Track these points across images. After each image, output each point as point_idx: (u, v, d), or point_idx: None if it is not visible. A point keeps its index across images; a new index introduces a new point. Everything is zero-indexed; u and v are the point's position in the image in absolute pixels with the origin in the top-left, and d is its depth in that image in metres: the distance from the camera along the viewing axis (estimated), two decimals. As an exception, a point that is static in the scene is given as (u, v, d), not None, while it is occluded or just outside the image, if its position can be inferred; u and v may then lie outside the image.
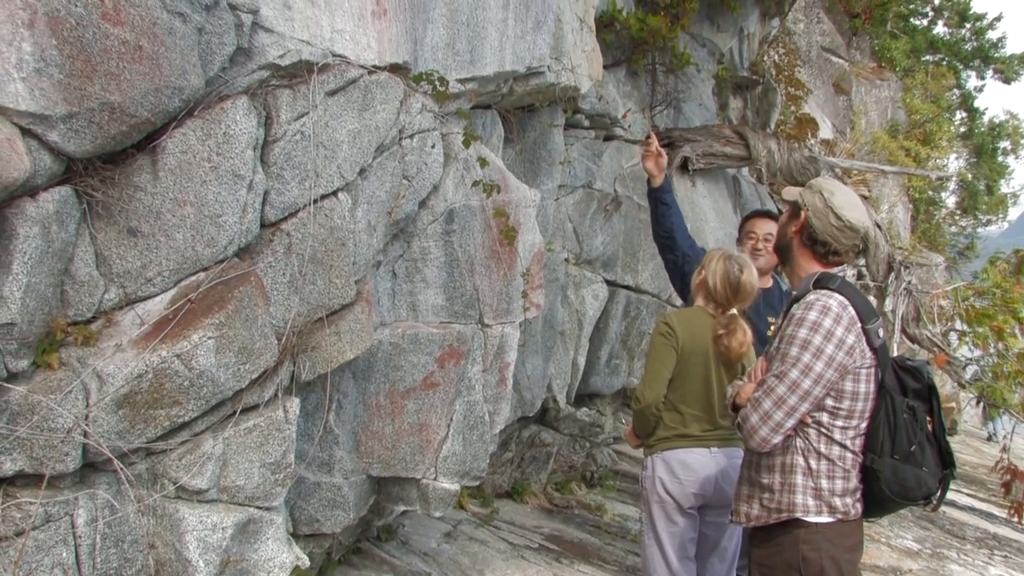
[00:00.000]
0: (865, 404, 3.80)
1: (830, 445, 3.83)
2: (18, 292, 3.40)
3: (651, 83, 10.30)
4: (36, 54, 3.32)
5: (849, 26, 22.32)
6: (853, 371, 3.75)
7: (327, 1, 4.62)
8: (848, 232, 3.88)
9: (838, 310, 3.73)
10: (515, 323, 5.76)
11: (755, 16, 12.94)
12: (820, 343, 3.72)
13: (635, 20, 9.13)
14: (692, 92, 11.19)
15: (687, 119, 11.03)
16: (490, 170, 5.60)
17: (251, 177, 4.13)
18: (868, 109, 22.70)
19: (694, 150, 10.38)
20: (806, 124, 15.48)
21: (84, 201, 3.74)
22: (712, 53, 12.05)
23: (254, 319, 4.04)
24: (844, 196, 3.94)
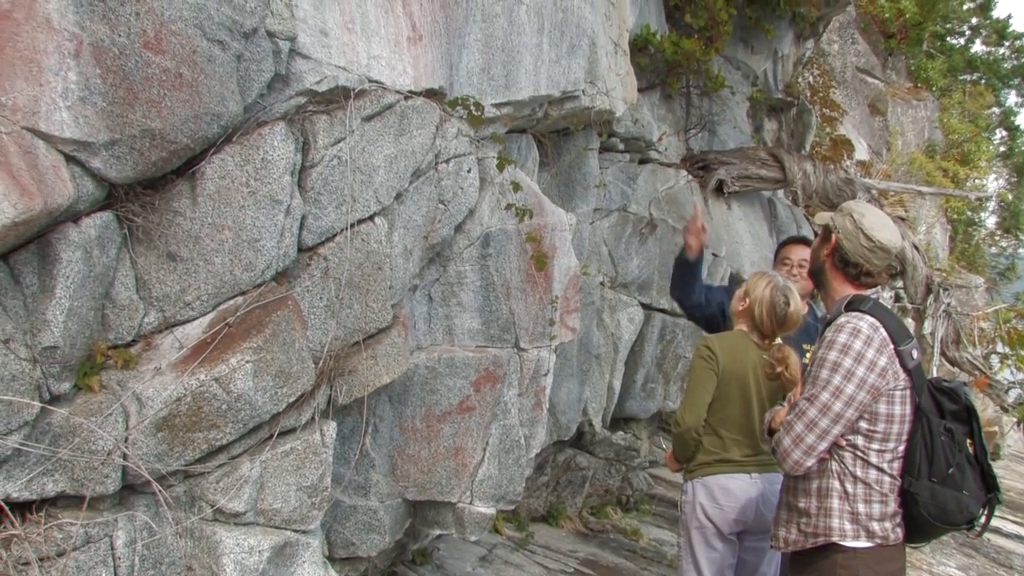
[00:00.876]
0: (901, 426, 3.75)
1: (867, 468, 3.77)
2: (61, 316, 3.45)
3: (686, 106, 10.30)
4: (81, 83, 3.38)
5: (884, 46, 22.21)
6: (887, 393, 3.70)
7: (363, 27, 4.67)
8: (880, 253, 3.84)
9: (868, 332, 3.69)
10: (551, 347, 5.76)
11: (789, 38, 12.90)
12: (850, 365, 3.68)
13: (669, 43, 9.14)
14: (727, 114, 11.17)
15: (722, 142, 11.01)
16: (525, 194, 5.61)
17: (289, 202, 4.16)
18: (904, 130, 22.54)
19: (729, 173, 10.35)
20: (841, 145, 15.38)
21: (125, 226, 3.79)
22: (746, 75, 12.03)
23: (291, 343, 4.06)
24: (875, 217, 3.91)
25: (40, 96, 3.30)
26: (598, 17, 6.91)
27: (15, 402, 3.31)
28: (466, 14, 5.39)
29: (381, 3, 4.81)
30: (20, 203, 3.15)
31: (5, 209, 3.11)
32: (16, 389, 3.32)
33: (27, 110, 3.27)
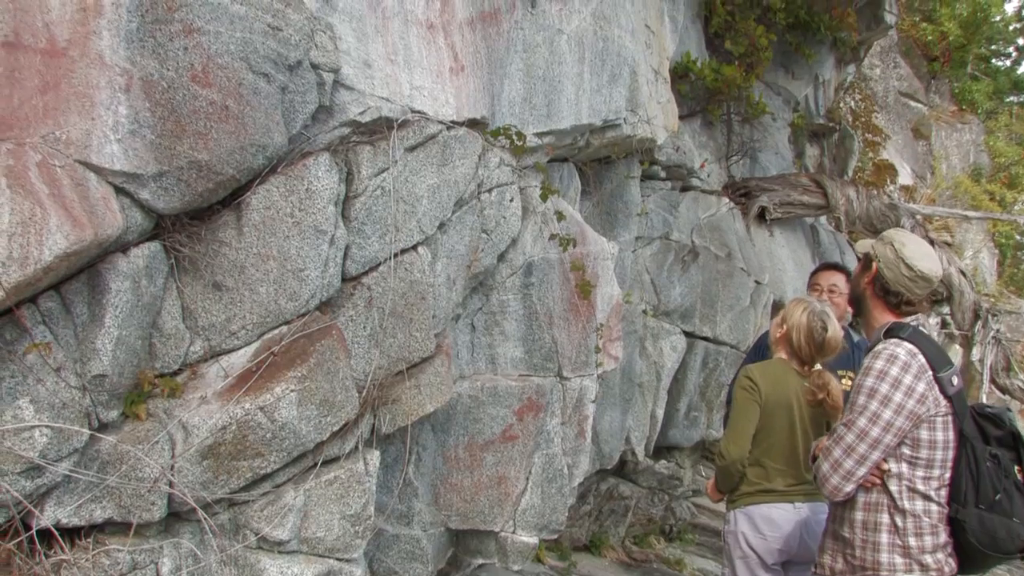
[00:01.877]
0: (945, 453, 3.68)
1: (913, 499, 3.71)
2: (110, 345, 3.50)
3: (727, 133, 10.27)
4: (131, 116, 3.45)
5: (927, 70, 22.02)
6: (927, 419, 3.65)
7: (406, 58, 4.71)
8: (921, 282, 3.80)
9: (906, 358, 3.65)
10: (593, 375, 5.75)
11: (830, 63, 12.84)
12: (887, 391, 3.63)
13: (710, 70, 9.13)
14: (768, 141, 11.12)
15: (763, 168, 10.95)
16: (567, 223, 5.62)
17: (333, 232, 4.20)
18: (949, 153, 22.30)
19: (771, 199, 10.30)
20: (885, 170, 15.26)
21: (172, 256, 3.85)
22: (787, 101, 11.98)
23: (335, 372, 4.09)
24: (916, 246, 3.87)
25: (92, 130, 3.37)
26: (639, 45, 6.92)
27: (65, 429, 3.36)
28: (507, 44, 5.43)
29: (423, 34, 4.86)
30: (72, 234, 3.21)
31: (58, 240, 3.17)
32: (66, 417, 3.37)
33: (79, 143, 3.35)
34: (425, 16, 4.90)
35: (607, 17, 6.40)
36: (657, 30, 7.81)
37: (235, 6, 3.74)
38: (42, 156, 3.26)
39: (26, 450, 3.26)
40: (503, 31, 5.39)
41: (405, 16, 4.77)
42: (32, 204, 3.13)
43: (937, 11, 21.76)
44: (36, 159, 3.24)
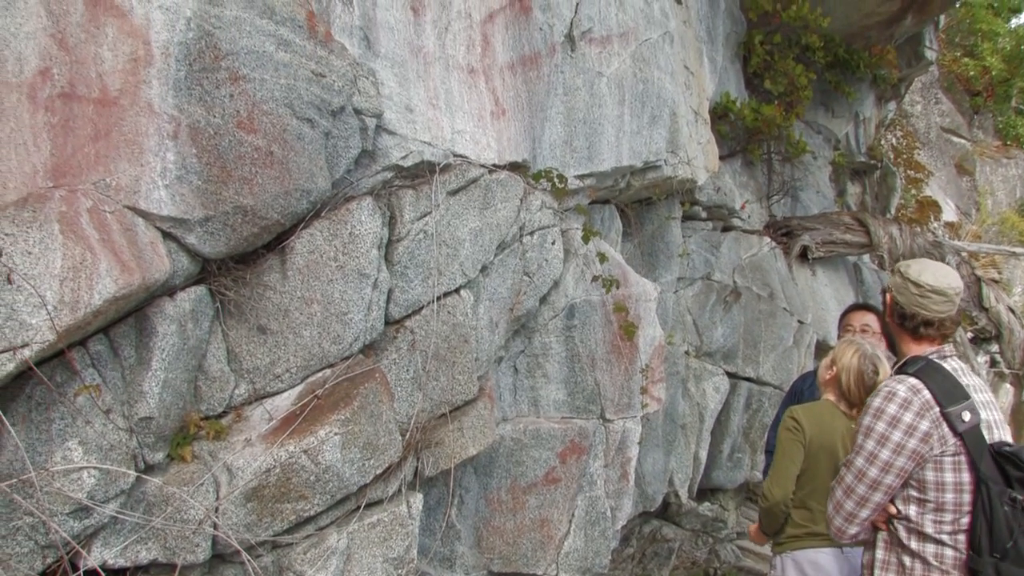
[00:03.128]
0: (958, 495, 3.48)
1: (923, 542, 3.54)
2: (156, 387, 3.54)
3: (767, 172, 10.25)
4: (178, 162, 3.51)
5: (970, 105, 21.83)
6: (933, 459, 3.45)
7: (448, 103, 4.76)
8: (933, 296, 3.63)
9: (905, 394, 3.47)
10: (636, 417, 5.72)
11: (870, 100, 12.79)
12: (884, 430, 3.48)
13: (749, 110, 9.13)
14: (809, 179, 11.08)
15: (805, 207, 10.90)
16: (609, 265, 5.62)
17: (376, 276, 4.24)
18: (994, 189, 22.03)
19: (813, 238, 10.23)
20: (928, 207, 15.11)
21: (217, 300, 3.89)
22: (828, 139, 11.93)
23: (379, 415, 4.10)
24: (920, 265, 3.73)
25: (141, 176, 3.43)
26: (678, 86, 6.94)
27: (113, 471, 3.39)
28: (548, 88, 5.47)
29: (464, 79, 4.91)
30: (121, 278, 3.26)
31: (107, 284, 3.22)
32: (114, 458, 3.41)
33: (128, 189, 3.41)
34: (466, 61, 4.95)
35: (646, 59, 6.43)
36: (696, 71, 7.83)
37: (280, 53, 3.81)
38: (93, 202, 3.32)
39: (75, 491, 3.29)
40: (543, 74, 5.43)
41: (447, 61, 4.83)
42: (83, 249, 3.19)
43: (979, 46, 21.59)
44: (87, 205, 3.30)
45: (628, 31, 6.27)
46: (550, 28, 5.50)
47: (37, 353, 3.11)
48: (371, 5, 4.45)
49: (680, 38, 7.34)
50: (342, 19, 4.33)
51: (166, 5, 3.49)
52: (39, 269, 3.10)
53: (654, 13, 6.67)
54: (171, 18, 3.50)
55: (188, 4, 3.54)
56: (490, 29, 5.12)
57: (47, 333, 3.09)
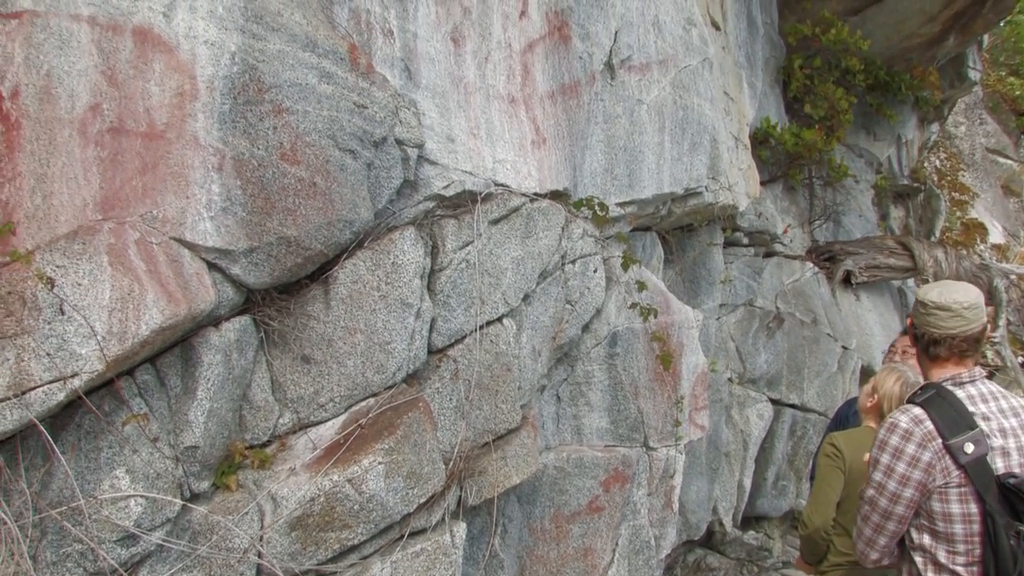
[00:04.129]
0: (967, 527, 3.40)
1: (939, 572, 3.47)
2: (202, 417, 3.57)
3: (809, 197, 10.19)
4: (223, 194, 3.55)
5: (1016, 125, 21.56)
6: (937, 490, 3.38)
7: (488, 132, 4.79)
8: (938, 313, 3.50)
9: (907, 426, 3.41)
10: (680, 445, 5.68)
11: (913, 122, 12.69)
12: (888, 461, 3.44)
13: (790, 135, 9.10)
14: (851, 204, 11.00)
15: (847, 231, 10.82)
16: (651, 292, 5.60)
17: (419, 305, 4.26)
18: (1043, 209, 21.73)
19: (856, 263, 10.15)
20: (974, 230, 14.93)
21: (261, 330, 3.92)
22: (870, 163, 11.85)
23: (422, 444, 4.10)
24: (934, 285, 3.65)
25: (186, 208, 3.48)
26: (718, 113, 6.94)
27: (159, 499, 3.42)
28: (588, 116, 5.48)
29: (505, 108, 4.94)
30: (167, 309, 3.30)
31: (154, 315, 3.26)
32: (160, 487, 3.43)
33: (175, 221, 3.45)
34: (507, 90, 4.98)
35: (686, 86, 6.43)
36: (736, 97, 7.82)
37: (322, 85, 3.85)
38: (140, 234, 3.36)
39: (122, 519, 3.32)
40: (583, 103, 5.45)
41: (487, 91, 4.86)
42: (131, 280, 3.23)
43: (1024, 64, 21.37)
44: (135, 237, 3.34)
45: (667, 58, 6.28)
46: (589, 56, 5.52)
47: (86, 383, 3.15)
48: (412, 37, 4.50)
49: (719, 64, 7.34)
50: (383, 51, 4.37)
51: (211, 40, 3.54)
52: (88, 300, 3.14)
53: (693, 40, 6.68)
54: (216, 53, 3.55)
55: (232, 39, 3.59)
56: (530, 58, 5.15)
57: (96, 363, 3.13)
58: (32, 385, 3.05)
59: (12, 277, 3.07)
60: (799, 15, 9.98)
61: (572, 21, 5.44)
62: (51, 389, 3.08)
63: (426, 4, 4.59)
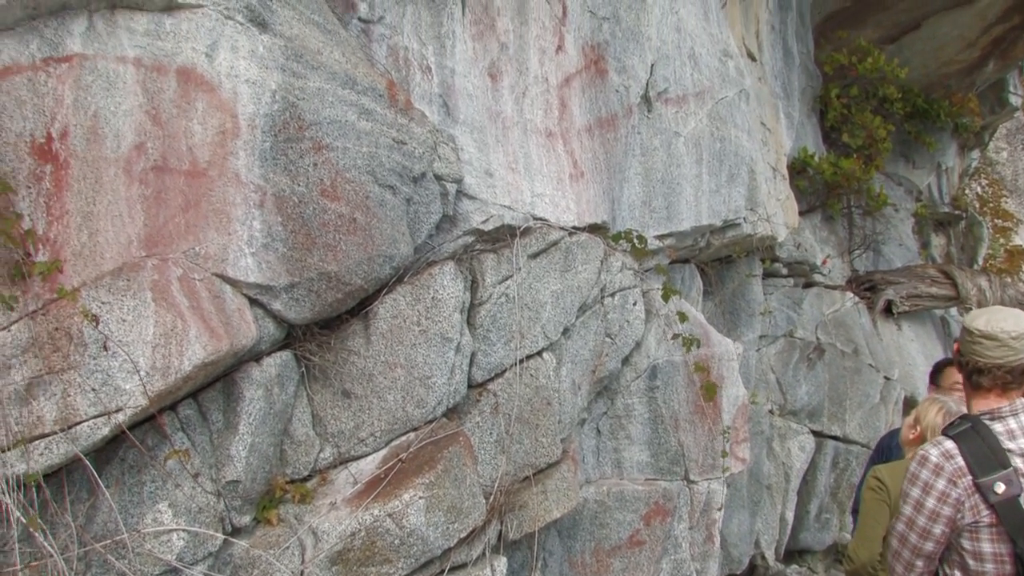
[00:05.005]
0: (999, 567, 3.26)
1: None
2: (243, 451, 3.59)
3: (848, 226, 10.12)
4: (264, 230, 3.59)
5: (1060, 149, 21.34)
6: (967, 528, 3.29)
7: (527, 166, 4.80)
8: (984, 341, 3.37)
9: (937, 460, 3.30)
10: (721, 478, 5.63)
11: (952, 150, 12.56)
12: (918, 495, 3.33)
13: (828, 164, 9.05)
14: (891, 232, 10.90)
15: (888, 261, 10.72)
16: (691, 324, 5.58)
17: (459, 339, 4.27)
18: (1089, 235, 21.40)
19: (897, 292, 10.04)
20: (1018, 257, 14.70)
21: (302, 364, 3.95)
22: (909, 191, 11.75)
23: (463, 478, 4.09)
24: (982, 312, 3.54)
25: (228, 244, 3.51)
26: (755, 143, 6.92)
27: (201, 533, 3.44)
28: (625, 149, 5.49)
29: (543, 142, 4.96)
30: (210, 345, 3.33)
31: (196, 351, 3.29)
32: (203, 521, 3.46)
33: (217, 258, 3.49)
34: (544, 124, 5.00)
35: (723, 117, 6.43)
36: (773, 127, 7.80)
37: (361, 122, 3.89)
38: (183, 270, 3.40)
39: (164, 553, 3.34)
40: (621, 136, 5.46)
41: (524, 125, 4.89)
42: (174, 316, 3.26)
43: (1067, 88, 21.14)
44: (178, 273, 3.39)
45: (704, 90, 6.29)
46: (626, 90, 5.54)
47: (130, 417, 3.19)
48: (450, 73, 4.54)
49: (756, 95, 7.33)
50: (421, 87, 4.42)
51: (252, 79, 3.59)
52: (133, 336, 3.18)
53: (729, 71, 6.68)
54: (257, 91, 3.60)
55: (273, 77, 3.64)
56: (567, 93, 5.18)
57: (140, 398, 3.17)
58: (78, 420, 3.10)
59: (59, 313, 3.12)
60: (835, 44, 9.96)
61: (608, 55, 5.46)
62: (96, 424, 3.12)
63: (463, 40, 4.64)
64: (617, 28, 5.55)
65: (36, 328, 3.10)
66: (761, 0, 8.06)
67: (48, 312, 3.12)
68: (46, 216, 3.19)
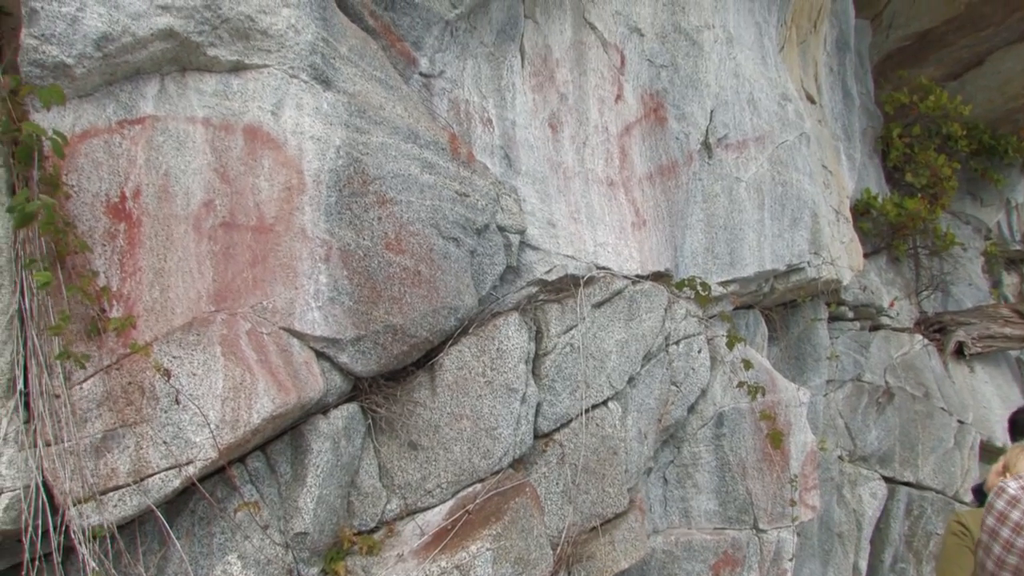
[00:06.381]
0: None
1: None
2: (311, 503, 3.60)
3: (915, 268, 9.96)
4: (330, 284, 3.63)
5: None
6: None
7: (588, 216, 4.81)
8: None
9: (1015, 492, 3.31)
10: (791, 527, 5.52)
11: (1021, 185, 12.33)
12: (993, 524, 3.36)
13: (891, 205, 8.95)
14: (960, 272, 10.70)
15: (957, 301, 10.51)
16: (756, 371, 5.52)
17: (524, 390, 4.26)
18: None
19: (969, 334, 9.82)
20: (1095, 294, 14.33)
21: (369, 417, 3.97)
22: (978, 229, 11.53)
23: (530, 529, 4.07)
24: None
25: (295, 298, 3.56)
26: (817, 187, 6.87)
27: (269, 586, 3.45)
28: (687, 196, 5.48)
29: (604, 191, 4.97)
30: (278, 398, 3.36)
31: (265, 404, 3.32)
32: (271, 572, 3.47)
33: (284, 311, 3.53)
34: (605, 174, 5.02)
35: (784, 162, 6.40)
36: (835, 169, 7.74)
37: (425, 176, 3.93)
38: (251, 324, 3.45)
39: (234, 605, 3.36)
40: (682, 183, 5.46)
41: (586, 175, 4.91)
42: (243, 370, 3.31)
43: None
44: (246, 327, 3.43)
45: (764, 135, 6.27)
46: (686, 137, 5.54)
47: (200, 470, 3.22)
48: (510, 125, 4.58)
49: (816, 138, 7.29)
50: (483, 139, 4.46)
51: (317, 135, 3.66)
52: (203, 390, 3.23)
53: (788, 115, 6.66)
54: (322, 147, 3.66)
55: (337, 133, 3.71)
56: (627, 141, 5.19)
57: (210, 451, 3.20)
58: (150, 472, 3.15)
59: (132, 368, 3.17)
60: (895, 83, 9.89)
61: (667, 102, 5.48)
62: (167, 476, 3.16)
63: (523, 92, 4.69)
64: (675, 75, 5.57)
65: (111, 382, 3.17)
66: (819, 42, 8.04)
67: (122, 366, 3.18)
68: (120, 273, 3.26)
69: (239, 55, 3.53)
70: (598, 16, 5.20)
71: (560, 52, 4.95)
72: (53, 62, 3.08)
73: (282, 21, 3.58)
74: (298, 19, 3.61)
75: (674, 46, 5.61)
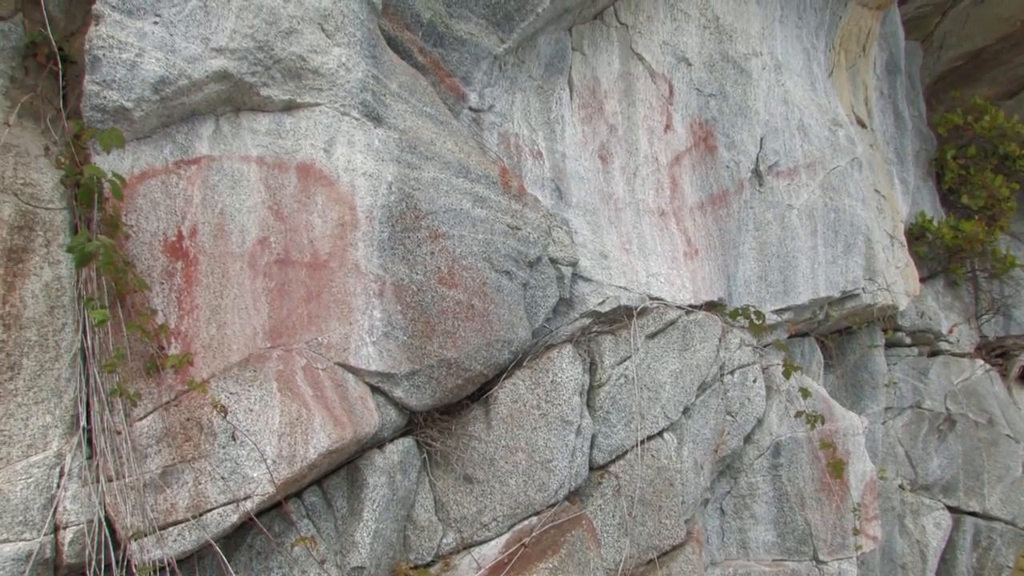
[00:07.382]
0: None
1: None
2: (368, 538, 3.61)
3: (974, 291, 9.78)
4: (384, 319, 3.65)
5: None
6: None
7: (640, 247, 4.80)
8: None
9: None
10: (852, 558, 5.42)
11: (1085, 201, 12.13)
12: None
13: (947, 228, 8.82)
14: (1022, 295, 10.49)
15: (1020, 325, 10.30)
16: (813, 400, 5.45)
17: (579, 422, 4.25)
18: None
19: (1032, 358, 9.64)
20: None
21: (424, 451, 3.98)
22: (1039, 250, 11.34)
23: (586, 563, 4.04)
24: None
25: (350, 334, 3.58)
26: (870, 212, 6.80)
27: (327, 622, 3.46)
28: (739, 224, 5.46)
29: (656, 222, 4.96)
30: (334, 433, 3.38)
31: (321, 439, 3.34)
32: (328, 608, 3.48)
33: (339, 347, 3.56)
34: (656, 204, 5.01)
35: (836, 187, 6.34)
36: (888, 194, 7.66)
37: (476, 210, 3.95)
38: (306, 360, 3.48)
39: (292, 640, 3.37)
40: (733, 211, 5.43)
41: (637, 206, 4.90)
42: (299, 406, 3.33)
43: None
44: (302, 363, 3.46)
45: (815, 161, 6.23)
46: (736, 165, 5.52)
47: (258, 505, 3.24)
48: (561, 157, 4.60)
49: (868, 162, 7.23)
50: (533, 172, 4.48)
51: (369, 171, 3.69)
52: (259, 425, 3.26)
53: (839, 140, 6.61)
54: (374, 183, 3.70)
55: (389, 169, 3.74)
56: (677, 171, 5.19)
57: (267, 486, 3.22)
58: (208, 507, 3.17)
59: (190, 404, 3.21)
60: (948, 105, 9.78)
61: (717, 131, 5.47)
62: (225, 511, 3.18)
63: (572, 124, 4.70)
64: (724, 104, 5.56)
65: (169, 418, 3.21)
66: (868, 66, 7.98)
67: (180, 403, 3.22)
68: (177, 310, 3.31)
69: (291, 94, 3.58)
70: (645, 47, 5.21)
71: (608, 83, 4.97)
72: (114, 106, 3.15)
73: (333, 60, 3.63)
74: (348, 57, 3.66)
75: (722, 74, 5.61)
